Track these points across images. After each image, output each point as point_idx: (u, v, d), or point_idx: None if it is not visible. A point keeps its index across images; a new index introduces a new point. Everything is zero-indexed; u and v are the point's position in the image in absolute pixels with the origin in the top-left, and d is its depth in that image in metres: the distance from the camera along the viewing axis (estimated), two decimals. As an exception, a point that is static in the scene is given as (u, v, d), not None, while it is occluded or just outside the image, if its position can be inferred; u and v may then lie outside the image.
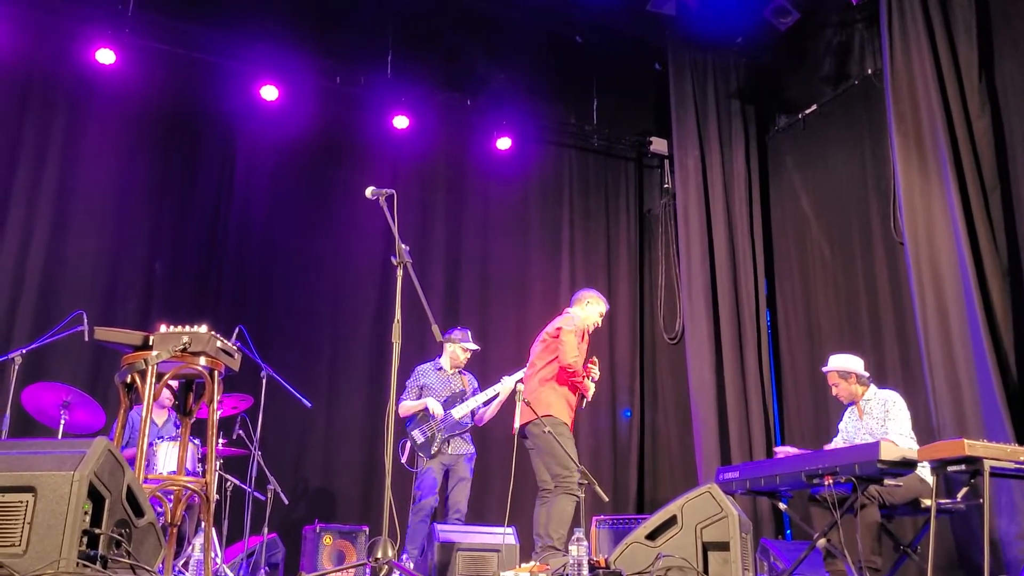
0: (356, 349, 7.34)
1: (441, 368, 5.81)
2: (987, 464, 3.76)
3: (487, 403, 5.75)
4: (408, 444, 5.61)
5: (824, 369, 5.07)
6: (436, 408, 5.57)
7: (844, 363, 4.97)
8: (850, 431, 5.02)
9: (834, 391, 5.01)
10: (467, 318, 7.32)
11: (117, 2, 6.73)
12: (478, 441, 6.11)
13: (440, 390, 5.71)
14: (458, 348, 5.77)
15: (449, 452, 5.58)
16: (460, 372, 5.87)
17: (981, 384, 5.06)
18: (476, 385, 5.91)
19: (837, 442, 5.07)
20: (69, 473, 2.59)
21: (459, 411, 5.64)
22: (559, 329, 5.07)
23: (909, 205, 5.66)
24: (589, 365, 5.13)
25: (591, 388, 5.14)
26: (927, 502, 4.44)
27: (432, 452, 5.53)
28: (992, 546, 4.36)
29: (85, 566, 2.57)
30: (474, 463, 5.73)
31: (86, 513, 2.63)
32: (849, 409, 5.07)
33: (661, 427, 8.18)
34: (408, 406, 5.65)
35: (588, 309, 5.25)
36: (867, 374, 4.97)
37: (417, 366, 5.87)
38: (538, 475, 4.92)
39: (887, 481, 4.31)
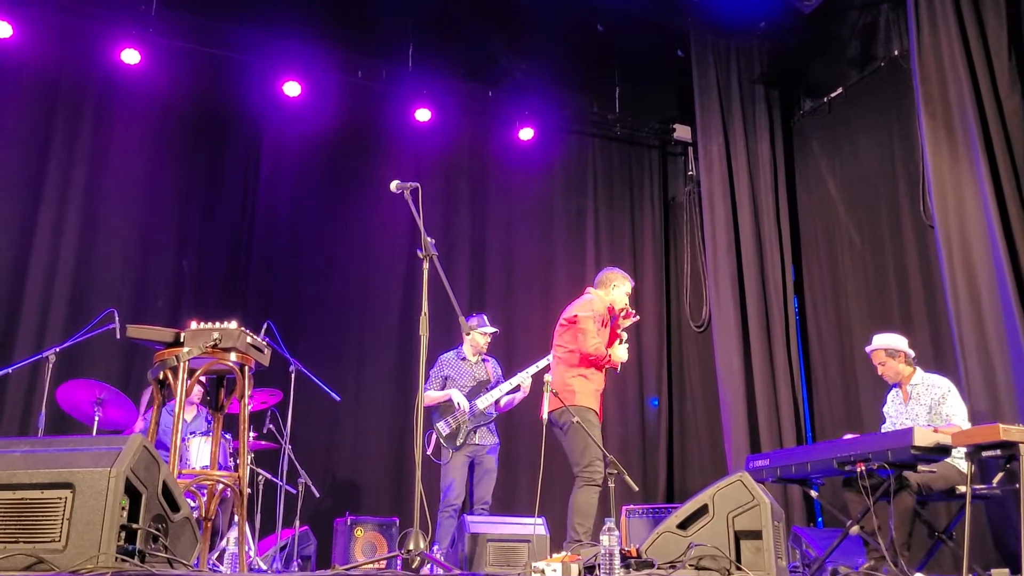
0: (383, 342, 7.37)
1: (464, 358, 5.80)
2: (1023, 449, 3.72)
3: (511, 392, 5.76)
4: (434, 436, 5.63)
5: (868, 348, 4.96)
6: (461, 400, 5.58)
7: (892, 341, 4.86)
8: (894, 416, 4.93)
9: (880, 370, 4.91)
10: (493, 309, 7.31)
11: (140, 2, 6.79)
12: (505, 431, 6.11)
13: (464, 380, 5.72)
14: (476, 334, 5.76)
15: (475, 442, 5.60)
16: (483, 360, 5.87)
17: (1016, 368, 4.98)
18: (499, 372, 5.91)
19: (888, 427, 4.99)
20: (106, 469, 2.63)
21: (483, 401, 5.65)
22: (576, 316, 4.96)
23: (939, 187, 5.57)
24: (620, 321, 5.00)
25: (622, 357, 5.02)
26: (962, 488, 4.38)
27: (458, 444, 5.55)
28: (1029, 532, 4.29)
29: (123, 560, 2.61)
30: (498, 453, 5.74)
31: (123, 508, 2.67)
32: (893, 392, 4.98)
33: (689, 415, 8.15)
34: (432, 396, 5.65)
35: (615, 292, 5.12)
36: (913, 354, 4.88)
37: (441, 355, 5.87)
38: (571, 461, 4.91)
39: (920, 467, 4.26)
